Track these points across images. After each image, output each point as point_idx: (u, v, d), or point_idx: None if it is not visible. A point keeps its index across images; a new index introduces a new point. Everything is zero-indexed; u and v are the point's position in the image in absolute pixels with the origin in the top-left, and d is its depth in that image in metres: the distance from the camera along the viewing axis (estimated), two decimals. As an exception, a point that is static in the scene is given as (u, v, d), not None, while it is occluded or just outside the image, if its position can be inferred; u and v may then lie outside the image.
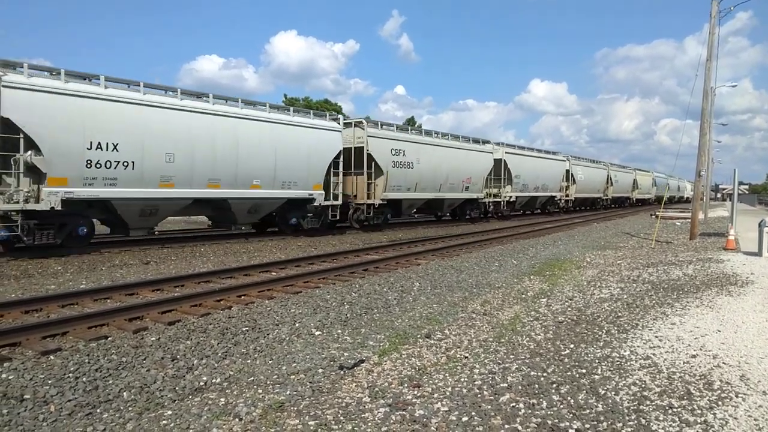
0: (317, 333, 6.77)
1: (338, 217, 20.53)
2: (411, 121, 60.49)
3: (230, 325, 6.91)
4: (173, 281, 9.64)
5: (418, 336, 6.42)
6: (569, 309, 7.89)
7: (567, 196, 40.32)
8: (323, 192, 19.12)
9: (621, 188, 53.78)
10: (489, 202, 30.44)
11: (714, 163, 56.20)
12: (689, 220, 20.99)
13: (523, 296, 8.92)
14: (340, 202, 20.03)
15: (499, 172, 31.14)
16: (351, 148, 21.03)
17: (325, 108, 47.79)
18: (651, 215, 34.81)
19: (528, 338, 6.34)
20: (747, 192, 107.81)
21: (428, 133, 25.99)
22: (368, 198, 21.21)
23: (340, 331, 6.84)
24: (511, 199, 31.96)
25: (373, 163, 21.06)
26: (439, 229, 23.67)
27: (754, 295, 8.60)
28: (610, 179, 49.69)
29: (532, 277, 10.91)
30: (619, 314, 7.49)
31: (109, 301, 8.31)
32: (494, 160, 29.77)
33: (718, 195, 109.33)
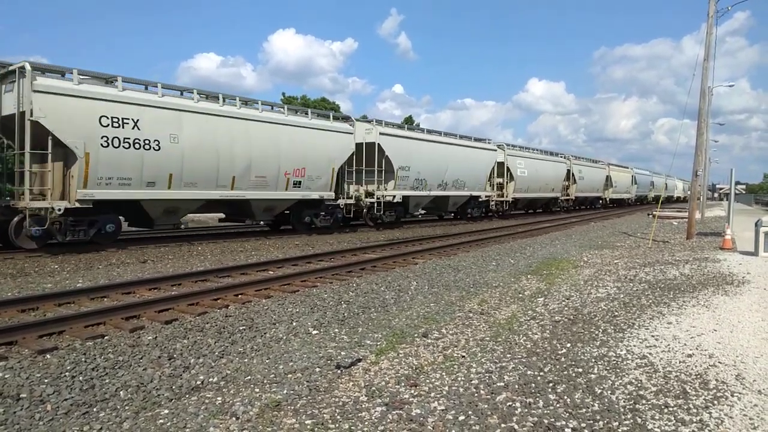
0: (314, 332, 6.77)
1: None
2: (409, 120, 60.49)
3: (227, 324, 6.91)
4: (170, 280, 9.63)
5: (416, 335, 6.43)
6: (566, 308, 7.91)
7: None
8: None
9: (587, 187, 50.80)
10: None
11: (711, 162, 56.49)
12: (686, 220, 21.05)
13: (520, 295, 8.94)
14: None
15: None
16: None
17: (323, 107, 47.77)
18: (648, 215, 34.88)
19: (525, 337, 6.35)
20: (744, 192, 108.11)
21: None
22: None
23: (337, 330, 6.84)
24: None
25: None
26: (438, 228, 23.69)
27: (750, 295, 8.63)
28: (573, 176, 47.78)
29: (529, 276, 10.93)
30: (616, 313, 7.50)
31: (105, 299, 8.30)
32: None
33: (715, 195, 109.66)
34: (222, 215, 19.43)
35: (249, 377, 5.12)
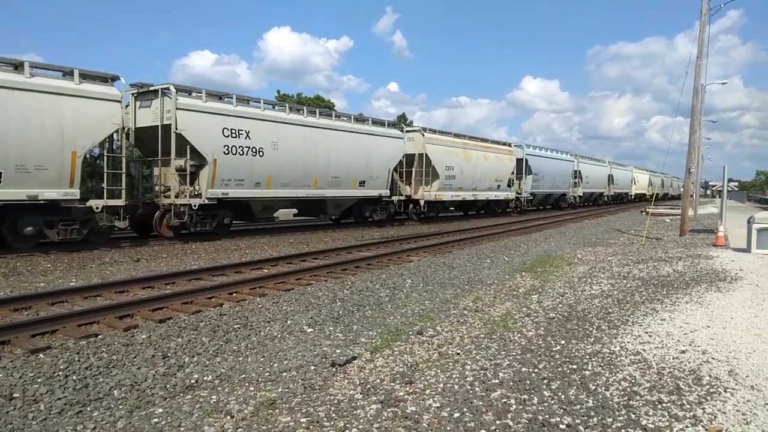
0: (309, 330, 6.76)
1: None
2: (402, 118, 60.44)
3: (222, 323, 6.89)
4: (164, 278, 9.59)
5: (410, 333, 6.43)
6: (560, 305, 7.93)
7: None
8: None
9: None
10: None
11: (704, 160, 56.26)
12: (679, 217, 21.16)
13: (515, 293, 8.96)
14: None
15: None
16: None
17: (317, 104, 47.69)
18: (641, 212, 35.04)
19: (519, 334, 6.37)
20: (736, 189, 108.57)
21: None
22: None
23: (332, 328, 6.84)
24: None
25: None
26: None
27: (742, 291, 8.69)
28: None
29: (523, 273, 10.96)
30: (610, 310, 7.54)
31: (99, 298, 8.26)
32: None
33: (708, 192, 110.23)
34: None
35: (244, 375, 5.11)
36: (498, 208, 32.88)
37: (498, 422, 3.96)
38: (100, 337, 6.21)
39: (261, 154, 16.92)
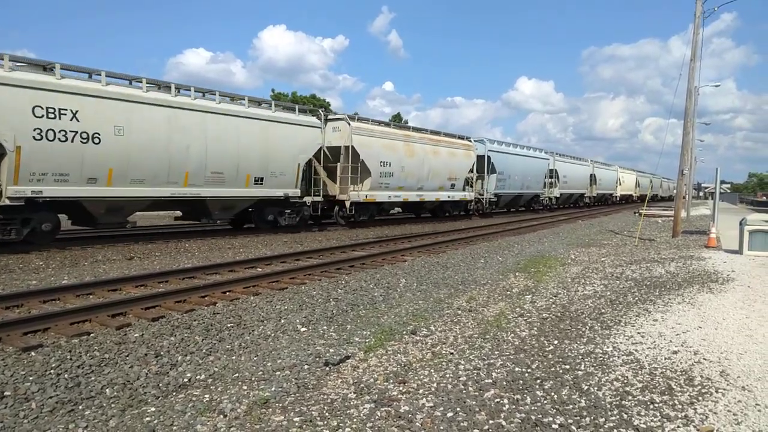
0: (303, 329, 6.75)
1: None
2: (397, 118, 60.45)
3: (215, 322, 6.87)
4: (157, 277, 9.55)
5: (404, 332, 6.44)
6: (553, 305, 7.96)
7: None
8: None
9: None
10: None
11: (697, 161, 56.30)
12: (671, 219, 21.27)
13: (508, 293, 8.98)
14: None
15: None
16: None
17: (312, 103, 47.63)
18: (635, 213, 35.18)
19: (513, 334, 6.38)
20: (729, 191, 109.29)
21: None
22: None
23: (325, 327, 6.83)
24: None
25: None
26: (424, 226, 23.75)
27: (734, 292, 8.74)
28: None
29: (517, 273, 10.98)
30: (603, 311, 7.57)
31: (91, 296, 8.22)
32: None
33: (701, 193, 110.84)
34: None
35: (237, 374, 5.10)
36: (454, 210, 28.99)
37: (491, 422, 3.97)
38: (92, 335, 6.17)
39: (97, 140, 12.84)
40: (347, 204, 20.88)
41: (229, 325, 6.75)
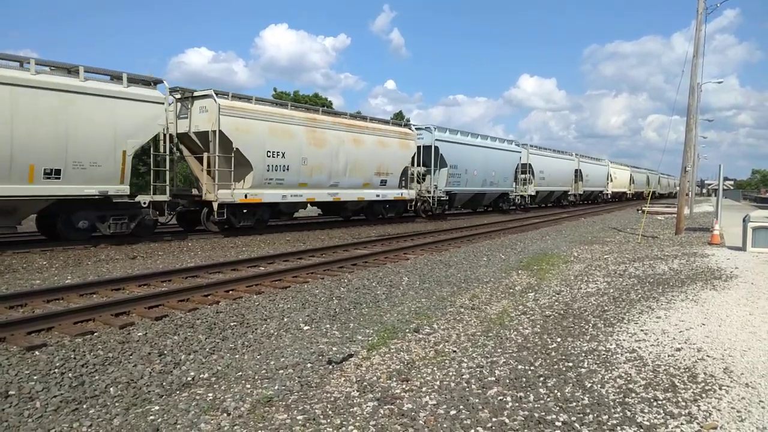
0: (306, 328, 6.76)
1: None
2: (399, 116, 60.40)
3: (218, 320, 6.88)
4: (160, 276, 9.57)
5: (407, 330, 6.44)
6: (556, 303, 7.95)
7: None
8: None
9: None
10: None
11: (700, 158, 55.87)
12: (674, 216, 21.23)
13: (511, 291, 8.97)
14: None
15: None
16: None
17: (314, 102, 47.63)
18: (638, 210, 35.12)
19: (516, 332, 6.38)
20: (732, 187, 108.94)
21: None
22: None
23: (328, 325, 6.84)
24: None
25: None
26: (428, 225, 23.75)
27: (738, 289, 8.72)
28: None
29: (520, 271, 10.98)
30: (606, 308, 7.56)
31: (95, 296, 8.24)
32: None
33: (704, 190, 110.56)
34: None
35: (240, 373, 5.11)
36: (391, 212, 24.00)
37: (494, 419, 3.97)
38: (96, 334, 6.19)
39: None
40: (214, 206, 15.82)
41: (232, 324, 6.76)
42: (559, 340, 6.04)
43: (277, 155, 17.44)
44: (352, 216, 23.46)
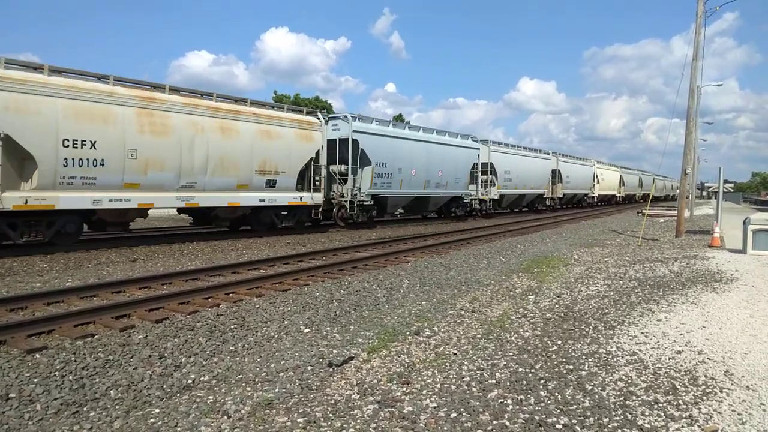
0: (306, 330, 6.76)
1: None
2: (399, 118, 60.49)
3: (218, 323, 6.88)
4: (161, 279, 9.57)
5: (407, 333, 6.44)
6: (557, 306, 7.95)
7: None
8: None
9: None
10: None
11: (700, 161, 55.48)
12: (674, 219, 21.23)
13: (512, 293, 8.97)
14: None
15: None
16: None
17: (314, 105, 47.67)
18: (638, 213, 35.12)
19: (516, 335, 6.38)
20: (732, 190, 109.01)
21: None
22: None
23: (329, 328, 6.84)
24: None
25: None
26: (428, 227, 23.72)
27: (738, 292, 8.72)
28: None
29: (520, 274, 10.97)
30: (606, 311, 7.55)
31: (95, 298, 8.24)
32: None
33: (704, 193, 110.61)
34: None
35: (241, 376, 5.11)
36: (290, 220, 19.09)
37: (495, 422, 3.96)
38: (96, 337, 6.19)
39: None
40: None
41: (232, 327, 6.76)
42: (559, 342, 6.04)
43: (81, 145, 12.68)
44: (241, 226, 18.67)
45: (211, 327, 6.70)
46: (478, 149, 29.87)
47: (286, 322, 7.05)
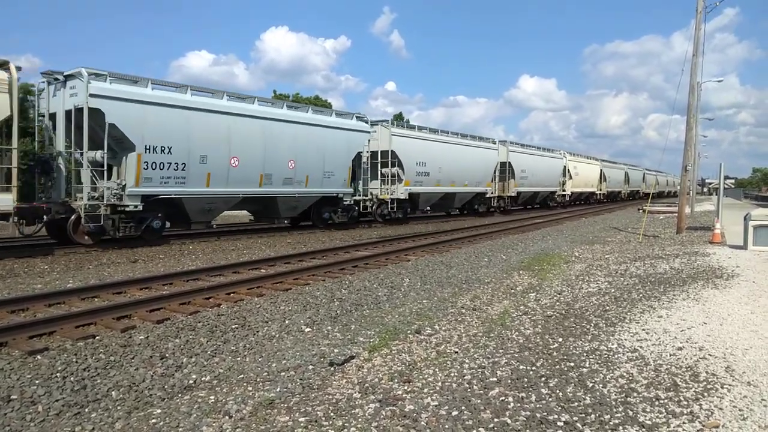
0: (307, 330, 6.76)
1: None
2: (399, 117, 60.43)
3: (219, 323, 6.88)
4: (161, 279, 9.58)
5: (408, 331, 6.43)
6: (558, 303, 7.95)
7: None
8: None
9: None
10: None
11: (700, 157, 55.14)
12: (674, 215, 21.21)
13: (512, 291, 8.97)
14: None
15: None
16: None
17: (315, 104, 47.64)
18: (639, 210, 35.09)
19: (517, 332, 6.38)
20: (733, 186, 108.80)
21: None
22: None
23: (330, 327, 6.84)
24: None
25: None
26: (432, 225, 23.72)
27: (739, 288, 8.71)
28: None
29: (521, 272, 10.97)
30: (607, 308, 7.55)
31: (96, 299, 8.25)
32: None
33: (705, 189, 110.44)
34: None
35: (242, 376, 5.11)
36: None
37: (496, 420, 3.96)
38: (97, 338, 6.20)
39: None
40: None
41: (233, 327, 6.76)
42: (560, 340, 6.04)
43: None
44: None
45: (212, 327, 6.70)
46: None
47: (287, 322, 7.06)
